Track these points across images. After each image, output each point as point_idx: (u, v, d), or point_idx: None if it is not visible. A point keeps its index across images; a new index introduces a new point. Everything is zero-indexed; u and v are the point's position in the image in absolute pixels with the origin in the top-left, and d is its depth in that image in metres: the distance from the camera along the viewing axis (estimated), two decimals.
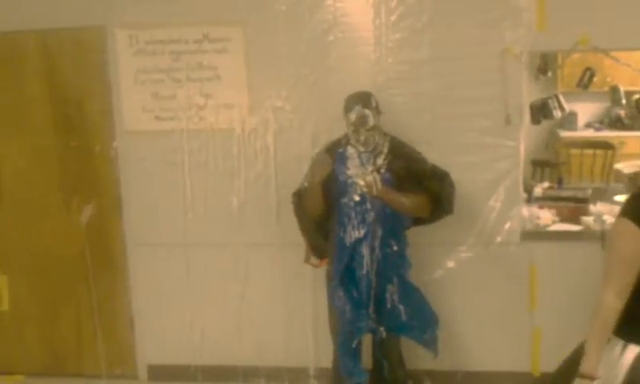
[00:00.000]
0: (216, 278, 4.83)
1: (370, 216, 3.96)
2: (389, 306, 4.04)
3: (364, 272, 3.98)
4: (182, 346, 4.95)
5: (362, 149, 3.99)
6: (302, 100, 4.53)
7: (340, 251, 4.04)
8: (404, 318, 4.04)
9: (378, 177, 3.88)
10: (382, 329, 4.02)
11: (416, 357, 4.42)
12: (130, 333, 5.04)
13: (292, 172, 4.53)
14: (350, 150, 4.03)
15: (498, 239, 4.50)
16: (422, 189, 4.01)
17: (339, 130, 4.14)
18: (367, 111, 3.95)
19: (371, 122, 3.96)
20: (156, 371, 5.05)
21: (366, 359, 4.04)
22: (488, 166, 4.44)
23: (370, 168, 3.96)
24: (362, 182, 3.86)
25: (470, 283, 4.55)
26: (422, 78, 4.42)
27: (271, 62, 4.52)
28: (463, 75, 4.38)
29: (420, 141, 4.21)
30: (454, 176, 4.18)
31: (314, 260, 4.30)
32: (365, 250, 3.98)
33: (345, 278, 4.03)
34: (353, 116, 3.95)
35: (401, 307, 4.04)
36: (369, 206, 3.96)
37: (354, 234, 3.98)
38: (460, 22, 4.34)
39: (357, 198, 3.97)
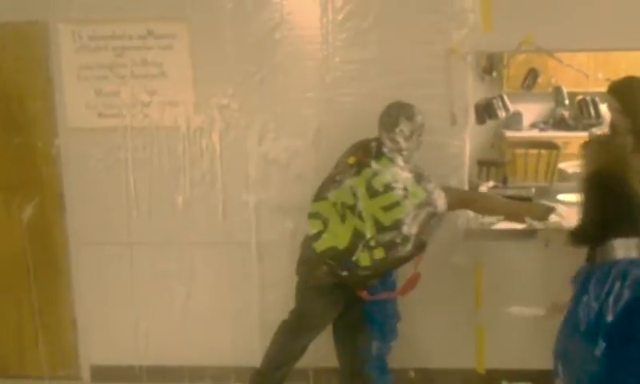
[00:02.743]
0: (161, 278, 4.78)
1: None
2: None
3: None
4: (127, 346, 4.89)
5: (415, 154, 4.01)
6: (249, 98, 4.50)
7: None
8: None
9: None
10: None
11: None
12: (72, 333, 4.96)
13: (238, 171, 4.51)
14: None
15: (443, 237, 4.52)
16: None
17: (288, 127, 4.12)
18: None
19: None
20: (99, 372, 4.96)
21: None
22: (434, 166, 4.45)
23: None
24: None
25: None
26: (369, 77, 4.43)
27: (217, 60, 4.48)
28: (409, 75, 4.40)
29: None
30: None
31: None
32: None
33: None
34: (420, 118, 3.94)
35: None
36: None
37: None
38: (406, 22, 4.36)
39: None
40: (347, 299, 4.10)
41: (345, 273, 3.89)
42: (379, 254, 3.81)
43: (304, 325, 4.21)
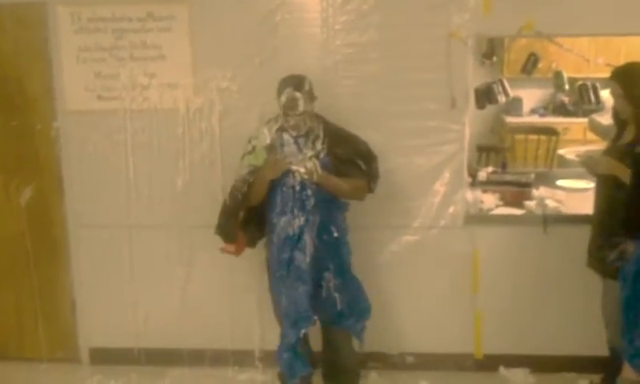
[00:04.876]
0: (160, 260, 4.78)
1: (311, 202, 3.90)
2: (324, 295, 3.99)
3: (308, 260, 3.91)
4: (126, 328, 4.89)
5: (293, 133, 3.92)
6: (249, 80, 4.49)
7: (282, 240, 3.94)
8: (339, 307, 4.00)
9: (317, 162, 3.82)
10: (315, 318, 3.94)
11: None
12: (71, 315, 4.96)
13: (238, 153, 4.47)
14: (286, 136, 3.95)
15: (442, 223, 4.53)
16: (358, 170, 4.00)
17: None
18: (298, 94, 3.82)
19: (301, 106, 3.83)
20: (98, 354, 4.98)
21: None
22: (433, 150, 4.46)
23: (309, 153, 3.89)
24: (302, 169, 3.79)
25: (414, 266, 4.58)
26: (369, 61, 4.42)
27: (217, 42, 4.46)
28: (409, 59, 4.39)
29: (366, 124, 4.23)
30: (400, 160, 4.25)
31: (228, 247, 4.21)
32: (307, 238, 3.91)
33: (289, 267, 3.94)
34: (283, 98, 3.84)
35: (336, 296, 3.98)
36: (309, 192, 3.90)
37: (296, 221, 3.90)
38: (407, 6, 4.34)
39: (297, 186, 3.89)
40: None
41: None
42: None
43: None
